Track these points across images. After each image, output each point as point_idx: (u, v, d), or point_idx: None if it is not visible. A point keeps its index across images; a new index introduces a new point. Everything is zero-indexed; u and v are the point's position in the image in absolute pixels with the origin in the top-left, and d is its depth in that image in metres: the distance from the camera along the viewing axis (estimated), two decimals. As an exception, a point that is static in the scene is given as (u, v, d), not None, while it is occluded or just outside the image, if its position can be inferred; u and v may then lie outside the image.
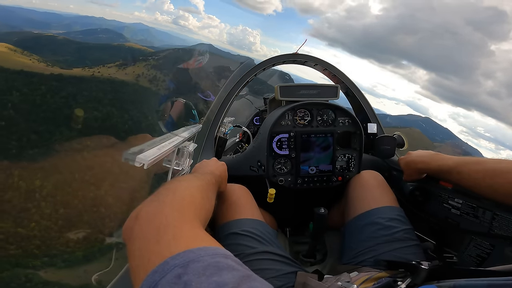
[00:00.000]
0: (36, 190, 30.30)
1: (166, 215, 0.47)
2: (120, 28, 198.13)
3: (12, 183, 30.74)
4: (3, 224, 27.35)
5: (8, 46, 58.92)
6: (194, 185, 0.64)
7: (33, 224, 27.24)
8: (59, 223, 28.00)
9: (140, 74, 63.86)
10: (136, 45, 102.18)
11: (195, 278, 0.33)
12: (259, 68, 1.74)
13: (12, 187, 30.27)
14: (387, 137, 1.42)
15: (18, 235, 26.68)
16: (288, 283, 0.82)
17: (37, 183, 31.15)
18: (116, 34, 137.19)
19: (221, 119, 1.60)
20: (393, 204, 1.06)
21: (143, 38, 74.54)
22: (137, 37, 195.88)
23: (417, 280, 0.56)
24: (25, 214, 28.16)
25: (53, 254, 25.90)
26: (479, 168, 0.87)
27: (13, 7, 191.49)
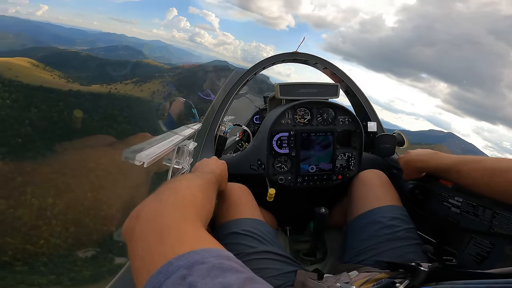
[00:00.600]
0: (48, 208, 30.23)
1: (169, 216, 0.47)
2: (139, 45, 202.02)
3: (25, 200, 30.73)
4: (12, 240, 27.13)
5: (31, 61, 60.50)
6: (195, 185, 0.64)
7: (42, 242, 27.17)
8: (68, 241, 28.05)
9: (155, 91, 64.60)
10: (153, 61, 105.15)
11: (200, 280, 0.33)
12: (259, 67, 1.75)
13: (24, 204, 30.16)
14: (387, 135, 1.42)
15: (26, 252, 26.35)
16: (287, 282, 0.82)
17: (50, 201, 31.21)
18: (136, 51, 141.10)
19: (221, 118, 1.60)
20: (396, 203, 1.05)
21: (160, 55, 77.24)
22: (155, 54, 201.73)
23: (416, 282, 0.56)
24: (35, 231, 28.03)
25: (60, 272, 25.52)
26: (478, 167, 0.87)
27: (42, 22, 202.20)
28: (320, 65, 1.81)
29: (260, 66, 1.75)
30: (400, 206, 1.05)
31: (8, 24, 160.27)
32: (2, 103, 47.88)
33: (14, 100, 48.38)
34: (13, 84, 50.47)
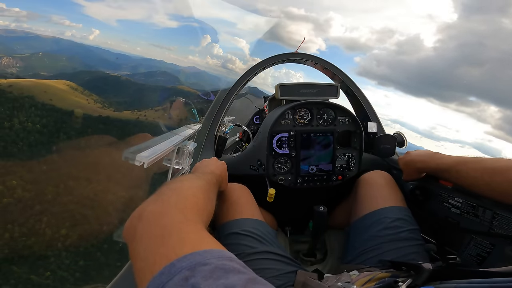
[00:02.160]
0: (60, 239, 30.18)
1: (171, 217, 0.47)
2: (176, 71, 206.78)
3: (39, 229, 30.75)
4: (17, 269, 27.20)
5: (70, 85, 61.25)
6: (197, 186, 0.64)
7: (48, 273, 27.01)
8: (76, 275, 27.47)
9: (183, 118, 62.32)
10: (187, 88, 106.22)
11: (203, 281, 0.33)
12: (259, 67, 1.74)
13: (37, 233, 30.22)
14: (387, 136, 1.42)
15: (29, 282, 26.44)
16: (288, 282, 0.82)
17: (63, 232, 31.10)
18: (173, 77, 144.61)
19: (221, 118, 1.60)
20: (401, 204, 1.05)
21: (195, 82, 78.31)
22: (190, 80, 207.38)
23: (418, 281, 0.56)
24: (43, 261, 27.95)
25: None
26: (478, 167, 0.87)
27: (93, 47, 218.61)
28: (320, 65, 1.81)
29: (260, 66, 1.74)
30: (404, 207, 1.04)
31: (64, 47, 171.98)
32: (32, 127, 46.78)
33: (44, 125, 47.34)
34: (46, 108, 50.46)
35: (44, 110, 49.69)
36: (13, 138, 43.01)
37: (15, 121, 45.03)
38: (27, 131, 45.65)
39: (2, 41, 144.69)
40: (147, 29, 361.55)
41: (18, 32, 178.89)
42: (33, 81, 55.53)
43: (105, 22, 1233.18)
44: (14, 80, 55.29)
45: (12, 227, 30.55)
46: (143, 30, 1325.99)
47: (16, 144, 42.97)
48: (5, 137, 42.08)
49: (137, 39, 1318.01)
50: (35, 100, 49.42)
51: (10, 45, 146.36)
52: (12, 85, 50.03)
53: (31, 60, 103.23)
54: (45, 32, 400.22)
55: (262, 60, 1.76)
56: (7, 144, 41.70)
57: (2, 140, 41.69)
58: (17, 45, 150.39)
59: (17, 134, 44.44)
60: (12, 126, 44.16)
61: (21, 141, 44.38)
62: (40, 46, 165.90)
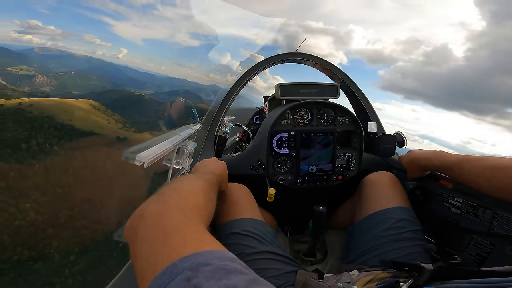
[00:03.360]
0: (67, 265, 29.61)
1: (172, 217, 0.47)
2: (198, 90, 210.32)
3: (48, 254, 30.26)
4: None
5: (93, 104, 60.57)
6: (198, 186, 0.64)
7: None
8: None
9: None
10: (207, 106, 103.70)
11: (205, 282, 0.33)
12: (260, 67, 1.74)
13: (46, 257, 29.80)
14: (387, 135, 1.41)
15: None
16: (288, 282, 0.82)
17: (71, 258, 30.34)
18: (195, 96, 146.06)
19: (221, 118, 1.60)
20: (405, 204, 1.05)
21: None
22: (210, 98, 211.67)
23: (420, 281, 0.56)
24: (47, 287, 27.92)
25: None
26: (480, 164, 0.88)
27: (121, 66, 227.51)
28: (320, 65, 1.80)
29: (260, 67, 1.74)
30: (408, 207, 1.04)
31: (94, 66, 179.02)
32: (49, 149, 44.58)
33: (61, 146, 45.06)
34: (64, 128, 48.85)
35: (63, 131, 48.22)
36: (29, 160, 41.72)
37: (33, 143, 43.66)
38: (44, 153, 44.06)
39: (38, 59, 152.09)
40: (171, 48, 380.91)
41: (53, 50, 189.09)
42: (55, 100, 55.17)
43: (132, 41, 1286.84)
44: (36, 99, 55.19)
45: (22, 250, 30.03)
46: (166, 49, 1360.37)
47: (31, 166, 41.19)
48: (21, 159, 41.28)
49: (161, 58, 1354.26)
50: (54, 120, 48.56)
51: (46, 63, 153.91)
52: (33, 104, 49.79)
53: (64, 79, 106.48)
54: (78, 50, 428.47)
55: (262, 60, 1.75)
56: (23, 166, 40.82)
57: (18, 162, 40.95)
58: (52, 63, 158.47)
59: (34, 156, 43.10)
60: (30, 148, 42.88)
61: (37, 163, 42.68)
62: (73, 65, 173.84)
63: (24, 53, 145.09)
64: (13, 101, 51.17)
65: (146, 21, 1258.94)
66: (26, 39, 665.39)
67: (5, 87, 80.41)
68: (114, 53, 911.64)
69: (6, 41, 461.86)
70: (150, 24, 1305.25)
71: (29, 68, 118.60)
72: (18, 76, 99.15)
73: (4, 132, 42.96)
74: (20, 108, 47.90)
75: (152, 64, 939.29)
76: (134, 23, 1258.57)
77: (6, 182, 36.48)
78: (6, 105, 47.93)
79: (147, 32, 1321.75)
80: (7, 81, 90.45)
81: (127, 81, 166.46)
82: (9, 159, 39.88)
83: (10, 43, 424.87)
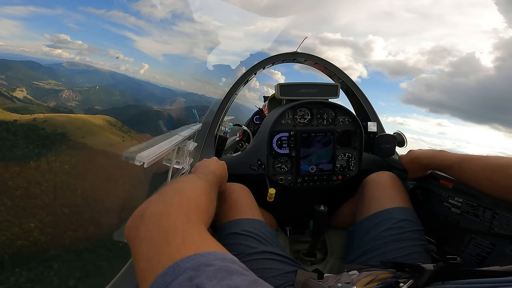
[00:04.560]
0: None
1: (174, 218, 0.47)
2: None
3: (47, 276, 29.23)
4: None
5: (109, 120, 59.30)
6: (199, 187, 0.64)
7: None
8: None
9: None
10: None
11: (208, 281, 0.33)
12: (259, 67, 1.74)
13: (45, 280, 28.90)
14: (387, 135, 1.41)
15: None
16: (288, 282, 0.82)
17: (71, 283, 29.78)
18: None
19: (221, 118, 1.60)
20: (407, 205, 1.05)
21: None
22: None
23: (420, 282, 0.56)
24: None
25: None
26: (481, 163, 0.88)
27: (143, 81, 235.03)
28: (320, 65, 1.80)
29: (261, 67, 1.74)
30: (410, 208, 1.04)
31: (118, 81, 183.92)
32: (59, 167, 41.94)
33: (73, 165, 42.49)
34: (77, 146, 46.39)
35: (75, 149, 45.91)
36: (37, 178, 39.31)
37: (43, 161, 41.30)
38: (54, 172, 41.62)
39: (66, 74, 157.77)
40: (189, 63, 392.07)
41: (80, 65, 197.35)
42: (69, 117, 54.23)
43: (153, 56, 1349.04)
44: (51, 115, 54.42)
45: (20, 271, 28.90)
46: (185, 64, 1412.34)
47: (40, 185, 38.58)
48: (29, 178, 40.13)
49: (180, 73, 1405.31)
50: (67, 137, 47.13)
51: (73, 78, 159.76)
52: (47, 120, 48.87)
53: (88, 94, 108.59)
54: (103, 66, 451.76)
55: (262, 60, 1.74)
56: (30, 185, 39.60)
57: (25, 181, 39.59)
58: (79, 78, 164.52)
59: (43, 175, 40.53)
60: (39, 166, 40.40)
61: (46, 182, 40.15)
62: (99, 80, 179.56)
63: (53, 67, 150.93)
64: (28, 116, 50.62)
65: (166, 36, 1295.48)
66: (56, 54, 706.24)
67: (30, 102, 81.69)
68: (137, 68, 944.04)
69: (38, 55, 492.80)
70: (170, 39, 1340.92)
71: (56, 83, 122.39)
72: (46, 90, 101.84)
73: (14, 150, 41.63)
74: (34, 125, 47.35)
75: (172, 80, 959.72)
76: (155, 39, 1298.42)
77: (12, 201, 35.22)
78: (21, 121, 47.45)
79: (167, 47, 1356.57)
80: (34, 95, 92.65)
81: (147, 97, 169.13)
82: (17, 178, 38.31)
83: (41, 57, 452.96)
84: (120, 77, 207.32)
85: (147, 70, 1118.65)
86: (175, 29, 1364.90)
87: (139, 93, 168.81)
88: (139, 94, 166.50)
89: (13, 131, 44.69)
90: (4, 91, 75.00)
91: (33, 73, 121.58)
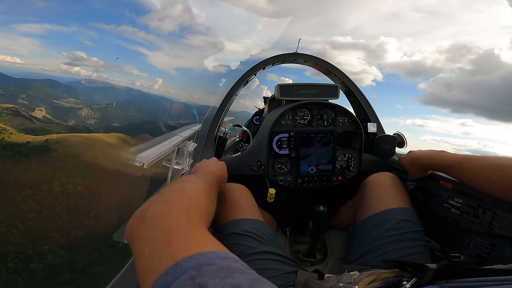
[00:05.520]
0: None
1: (176, 218, 0.47)
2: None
3: None
4: None
5: (123, 138, 58.45)
6: (200, 188, 0.64)
7: None
8: None
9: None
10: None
11: (210, 280, 0.33)
12: (259, 68, 1.73)
13: None
14: (387, 136, 1.41)
15: None
16: (288, 282, 0.82)
17: None
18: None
19: (221, 118, 1.60)
20: (407, 205, 1.05)
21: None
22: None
23: (423, 280, 0.56)
24: None
25: None
26: (481, 163, 0.88)
27: (158, 96, 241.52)
28: (320, 66, 1.80)
29: (261, 67, 1.73)
30: (410, 208, 1.04)
31: (134, 97, 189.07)
32: (72, 189, 40.04)
33: (86, 187, 40.59)
34: (90, 167, 44.63)
35: (88, 170, 44.26)
36: (50, 201, 37.73)
37: (55, 184, 39.66)
38: (67, 194, 39.86)
39: (85, 92, 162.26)
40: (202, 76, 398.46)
41: (98, 82, 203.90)
42: (82, 136, 53.47)
43: (166, 70, 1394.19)
44: (63, 135, 54.04)
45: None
46: (197, 77, 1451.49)
47: (53, 208, 36.80)
48: (42, 201, 39.29)
49: (193, 86, 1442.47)
50: (79, 158, 45.98)
51: (92, 95, 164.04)
52: (60, 141, 48.12)
53: (106, 111, 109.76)
54: (119, 82, 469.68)
55: (262, 60, 1.73)
56: (43, 208, 38.54)
57: (38, 204, 38.69)
58: (97, 95, 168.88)
59: (56, 198, 38.91)
60: (51, 189, 38.82)
61: (59, 205, 38.48)
62: (116, 96, 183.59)
63: (72, 85, 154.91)
64: (41, 137, 50.07)
65: (177, 50, 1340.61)
66: (75, 71, 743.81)
67: (49, 121, 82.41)
68: (151, 84, 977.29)
69: (57, 72, 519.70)
70: (181, 53, 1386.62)
71: (76, 101, 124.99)
72: (66, 109, 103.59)
73: (26, 173, 40.38)
74: (46, 146, 46.76)
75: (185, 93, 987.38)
76: (166, 53, 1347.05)
77: (25, 224, 34.41)
78: (33, 142, 46.93)
79: (179, 61, 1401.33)
80: (54, 114, 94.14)
81: (162, 111, 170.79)
82: (29, 201, 36.75)
83: (60, 75, 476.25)
84: (135, 93, 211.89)
85: (161, 85, 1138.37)
86: (185, 42, 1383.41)
87: (154, 108, 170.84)
88: (155, 109, 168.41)
89: (25, 154, 44.09)
90: (23, 111, 75.29)
91: (53, 92, 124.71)
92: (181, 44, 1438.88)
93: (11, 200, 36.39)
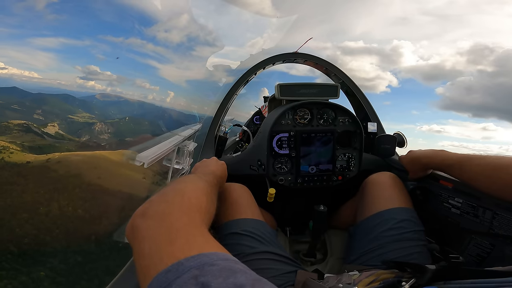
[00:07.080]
0: None
1: (176, 218, 0.47)
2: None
3: None
4: None
5: (130, 154, 55.65)
6: (200, 188, 0.65)
7: None
8: None
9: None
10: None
11: (213, 280, 0.33)
12: (260, 67, 1.73)
13: None
14: (388, 136, 1.41)
15: None
16: (288, 282, 0.82)
17: None
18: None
19: (221, 118, 1.60)
20: (407, 205, 1.05)
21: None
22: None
23: (422, 281, 0.56)
24: None
25: None
26: (481, 163, 0.88)
27: (169, 109, 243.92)
28: (320, 65, 1.80)
29: (261, 67, 1.73)
30: (411, 208, 1.04)
31: (147, 111, 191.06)
32: (72, 213, 37.11)
33: (86, 209, 38.49)
34: (92, 189, 42.08)
35: (89, 191, 41.65)
36: (48, 225, 35.14)
37: (54, 206, 37.08)
38: (66, 217, 36.98)
39: (99, 106, 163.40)
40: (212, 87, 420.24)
41: (111, 96, 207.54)
42: (85, 155, 51.86)
43: (177, 83, 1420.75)
44: (65, 154, 52.35)
45: None
46: (207, 88, 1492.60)
47: (50, 232, 34.91)
48: (39, 224, 37.43)
49: (204, 98, 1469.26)
50: (81, 179, 43.94)
51: (106, 110, 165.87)
52: (61, 161, 46.51)
53: (119, 125, 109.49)
54: (132, 96, 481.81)
55: (262, 60, 1.74)
56: (40, 232, 36.69)
57: (35, 228, 36.87)
58: (111, 109, 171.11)
59: (54, 221, 36.12)
60: (49, 212, 36.07)
61: (57, 229, 35.54)
62: (129, 110, 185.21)
63: (87, 100, 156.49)
64: (43, 157, 48.56)
65: (186, 62, 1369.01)
66: (90, 85, 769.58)
67: (61, 137, 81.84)
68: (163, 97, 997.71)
69: (73, 87, 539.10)
70: (191, 65, 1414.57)
71: (90, 116, 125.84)
72: (80, 124, 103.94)
73: (24, 195, 38.48)
74: (46, 166, 45.42)
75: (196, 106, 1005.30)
76: (177, 66, 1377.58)
77: (19, 249, 33.28)
78: (34, 162, 45.48)
79: (189, 73, 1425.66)
80: (68, 129, 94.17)
81: (174, 124, 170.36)
82: (25, 225, 34.52)
83: (76, 90, 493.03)
84: (148, 107, 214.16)
85: (173, 98, 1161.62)
86: (194, 54, 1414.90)
87: (167, 121, 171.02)
88: (168, 122, 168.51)
89: (23, 175, 42.62)
90: (35, 127, 74.19)
91: (68, 107, 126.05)
92: (190, 56, 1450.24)
93: (5, 223, 35.01)
